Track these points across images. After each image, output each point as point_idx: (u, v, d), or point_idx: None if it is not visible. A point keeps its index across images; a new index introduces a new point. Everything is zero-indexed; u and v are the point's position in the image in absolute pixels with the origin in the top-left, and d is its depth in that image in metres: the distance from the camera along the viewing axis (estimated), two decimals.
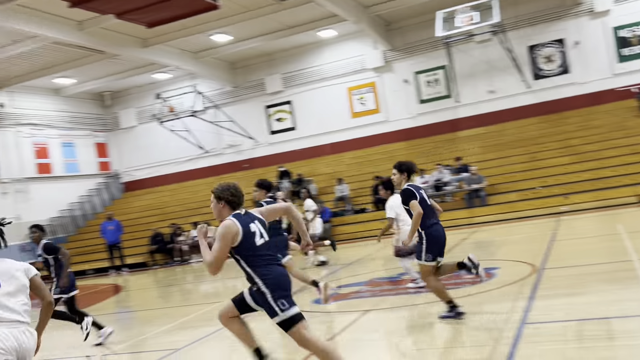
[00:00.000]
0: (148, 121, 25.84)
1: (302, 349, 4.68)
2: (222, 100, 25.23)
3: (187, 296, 12.73)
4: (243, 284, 4.97)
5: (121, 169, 27.44)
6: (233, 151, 25.54)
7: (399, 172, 6.84)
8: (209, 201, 18.42)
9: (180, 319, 9.33)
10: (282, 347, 6.61)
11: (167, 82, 25.72)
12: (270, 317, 4.63)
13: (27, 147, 23.31)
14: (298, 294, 8.98)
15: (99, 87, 25.41)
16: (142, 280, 17.05)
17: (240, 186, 5.15)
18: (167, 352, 7.20)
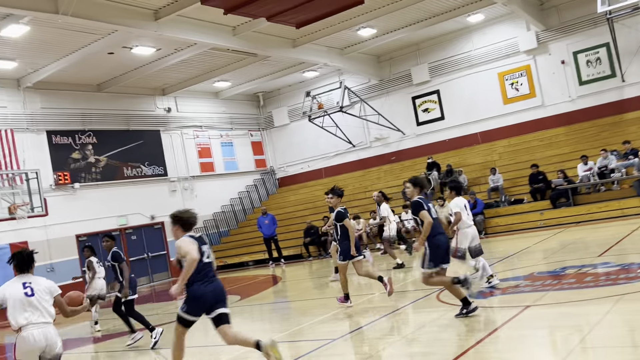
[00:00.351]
0: (299, 118, 26.71)
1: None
2: (369, 94, 25.37)
3: (336, 288, 12.94)
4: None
5: (276, 166, 28.67)
6: (380, 144, 25.61)
7: (413, 186, 7.76)
8: (358, 194, 18.90)
9: (335, 310, 9.52)
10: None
11: (315, 80, 26.39)
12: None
13: (191, 147, 25.16)
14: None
15: (253, 89, 26.71)
16: (297, 271, 17.67)
17: (194, 212, 6.18)
18: (323, 342, 7.37)
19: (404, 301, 9.35)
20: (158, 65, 20.21)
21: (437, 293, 9.29)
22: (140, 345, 9.51)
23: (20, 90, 19.47)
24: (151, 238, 22.78)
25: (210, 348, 8.92)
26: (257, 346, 5.82)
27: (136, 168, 22.70)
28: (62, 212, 19.46)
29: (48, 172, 19.59)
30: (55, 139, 20.30)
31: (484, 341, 6.25)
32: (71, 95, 20.92)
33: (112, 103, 22.22)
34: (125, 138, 22.47)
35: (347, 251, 9.27)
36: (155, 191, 23.21)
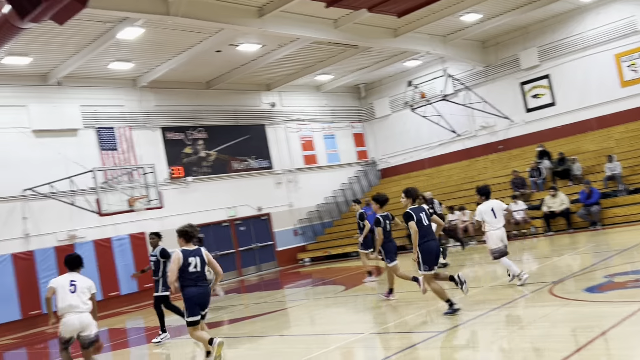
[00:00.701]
0: (401, 109, 26.46)
1: None
2: (473, 81, 24.67)
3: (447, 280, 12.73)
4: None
5: (377, 157, 28.61)
6: (486, 133, 24.84)
7: (406, 197, 8.65)
8: (464, 184, 18.51)
9: (441, 302, 9.38)
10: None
11: (417, 69, 26.02)
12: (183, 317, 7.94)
13: (295, 140, 25.66)
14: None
15: (354, 80, 26.77)
16: (400, 262, 17.56)
17: (194, 226, 7.89)
18: (431, 334, 7.29)
19: (514, 295, 9.05)
20: (263, 62, 20.75)
21: (549, 287, 8.92)
22: (249, 332, 9.84)
23: (136, 89, 20.69)
24: (258, 229, 23.51)
25: (319, 337, 9.09)
26: (210, 342, 7.28)
27: (244, 162, 23.49)
28: (176, 205, 20.52)
29: (163, 167, 20.71)
30: (168, 135, 21.41)
31: (601, 337, 5.92)
32: (182, 92, 21.97)
33: (221, 99, 23.09)
34: (234, 133, 23.30)
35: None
36: (262, 184, 23.91)
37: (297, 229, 24.69)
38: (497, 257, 9.88)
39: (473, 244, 18.73)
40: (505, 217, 9.99)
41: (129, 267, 19.29)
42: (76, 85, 19.04)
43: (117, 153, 19.74)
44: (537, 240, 17.18)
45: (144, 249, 19.73)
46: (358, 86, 28.27)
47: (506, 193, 20.07)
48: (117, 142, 19.79)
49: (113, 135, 19.72)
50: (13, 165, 17.42)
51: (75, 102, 18.89)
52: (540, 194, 19.48)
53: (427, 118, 24.54)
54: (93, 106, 19.45)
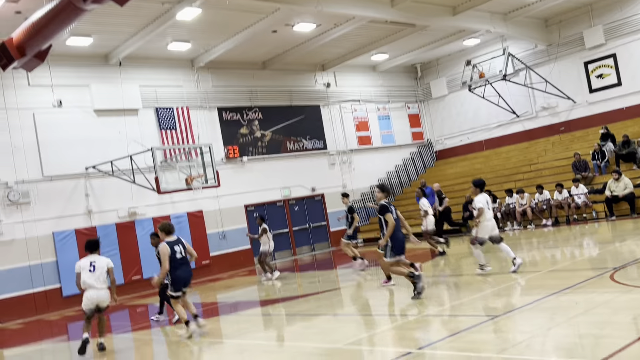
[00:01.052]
0: (458, 89, 25.94)
1: None
2: (535, 61, 23.88)
3: (503, 264, 12.51)
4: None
5: (433, 138, 28.20)
6: (548, 114, 24.07)
7: (381, 192, 9.98)
8: (522, 167, 18.13)
9: (497, 287, 9.22)
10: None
11: (476, 48, 25.39)
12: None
13: (349, 121, 25.54)
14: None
15: (411, 60, 26.36)
16: (455, 246, 17.35)
17: (171, 223, 9.47)
18: (485, 319, 7.18)
19: (573, 280, 8.79)
20: (318, 41, 20.67)
21: (611, 273, 8.63)
22: (303, 311, 9.94)
23: (194, 70, 21.01)
24: (312, 209, 23.64)
25: (371, 317, 9.10)
26: (194, 316, 9.15)
27: (298, 142, 23.58)
28: (232, 184, 20.84)
29: (219, 146, 21.03)
30: (225, 115, 21.69)
31: None
32: (238, 73, 22.17)
33: (276, 80, 23.19)
34: (288, 113, 23.40)
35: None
36: (316, 164, 23.97)
37: (340, 215, 24.63)
38: (478, 244, 10.46)
39: (532, 228, 18.29)
40: (495, 211, 10.45)
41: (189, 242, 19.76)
42: (136, 65, 19.49)
43: (176, 132, 20.15)
44: (598, 225, 16.63)
45: (202, 227, 20.18)
46: (414, 66, 27.84)
47: (567, 177, 19.46)
48: (176, 122, 20.20)
49: (172, 115, 20.14)
50: (76, 144, 18.03)
51: (135, 82, 19.34)
52: (602, 177, 18.81)
53: (485, 98, 23.97)
54: (152, 86, 19.87)
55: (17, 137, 17.15)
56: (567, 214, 18.04)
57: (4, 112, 17.03)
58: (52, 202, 17.52)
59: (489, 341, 6.12)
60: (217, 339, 9.38)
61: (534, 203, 18.75)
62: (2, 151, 16.85)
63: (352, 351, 6.85)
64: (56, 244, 17.29)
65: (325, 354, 6.95)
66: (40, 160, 17.45)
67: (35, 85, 17.59)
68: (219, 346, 8.78)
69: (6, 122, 17.02)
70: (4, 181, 16.80)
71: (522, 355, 5.52)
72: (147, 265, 18.73)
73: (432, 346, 6.42)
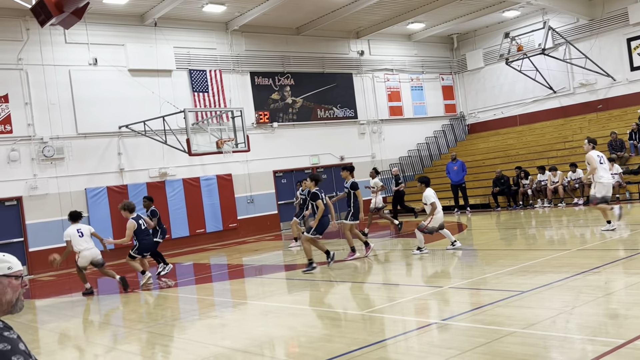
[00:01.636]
0: (494, 62, 25.45)
1: None
2: (575, 36, 23.24)
3: (531, 241, 12.42)
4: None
5: (466, 111, 27.80)
6: (585, 91, 23.50)
7: (311, 181, 11.27)
8: (557, 144, 17.74)
9: (524, 263, 9.15)
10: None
11: (515, 20, 24.78)
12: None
13: (381, 91, 25.30)
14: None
15: (448, 30, 25.87)
16: (484, 221, 17.24)
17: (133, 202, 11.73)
18: (510, 294, 7.15)
19: (603, 259, 8.68)
20: (354, 8, 20.39)
21: None
22: (326, 277, 10.03)
23: (227, 33, 20.95)
24: (340, 178, 23.58)
25: (395, 286, 9.14)
26: (142, 272, 11.48)
27: (329, 110, 23.48)
28: (261, 149, 20.92)
29: (250, 111, 21.07)
30: (257, 80, 21.66)
31: None
32: (272, 38, 22.04)
33: (309, 46, 23.01)
34: (320, 80, 23.26)
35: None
36: (346, 133, 23.88)
37: (367, 183, 24.58)
38: (427, 233, 11.49)
39: (562, 206, 18.05)
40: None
41: (215, 207, 20.02)
42: (171, 26, 19.51)
43: (208, 95, 20.23)
44: (630, 206, 16.32)
45: (231, 190, 20.38)
46: (451, 36, 27.33)
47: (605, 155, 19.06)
48: (208, 85, 20.25)
49: (205, 77, 20.18)
50: (110, 103, 18.24)
51: (169, 43, 19.39)
52: (639, 158, 18.39)
53: (522, 72, 23.49)
54: (186, 48, 19.91)
55: (53, 94, 17.41)
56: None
57: (40, 68, 17.27)
58: (86, 159, 17.84)
59: (514, 316, 6.10)
60: (241, 300, 9.54)
61: (566, 181, 18.46)
62: (38, 107, 17.15)
63: (374, 318, 6.90)
64: (88, 200, 17.67)
65: (347, 320, 7.02)
66: (75, 118, 17.72)
67: (72, 43, 17.76)
68: (243, 307, 8.93)
69: (43, 79, 17.28)
70: (40, 136, 17.13)
71: (547, 332, 5.49)
72: (175, 225, 19.06)
73: (456, 318, 6.43)
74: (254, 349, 6.19)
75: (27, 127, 16.99)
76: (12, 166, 16.73)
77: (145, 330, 8.00)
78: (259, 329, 7.26)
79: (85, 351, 7.19)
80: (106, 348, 7.27)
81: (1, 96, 16.65)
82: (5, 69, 16.74)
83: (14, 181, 16.70)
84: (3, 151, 16.62)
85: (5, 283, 2.69)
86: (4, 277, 2.69)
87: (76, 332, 8.41)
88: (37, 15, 10.28)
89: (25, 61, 17.06)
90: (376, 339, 6.02)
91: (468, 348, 5.19)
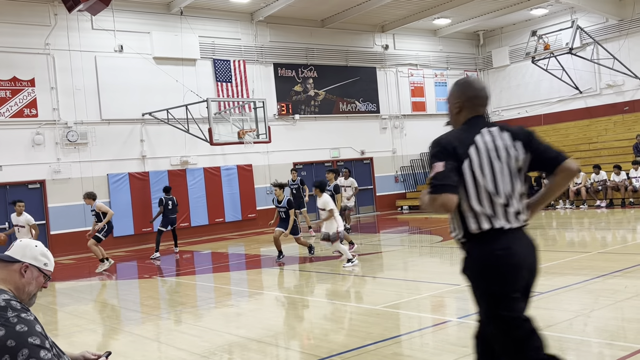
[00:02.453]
0: (520, 60, 25.16)
1: None
2: (604, 36, 22.86)
3: (551, 242, 12.29)
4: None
5: (490, 109, 27.49)
6: (612, 92, 23.13)
7: (280, 189, 12.15)
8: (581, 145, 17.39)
9: (543, 264, 9.05)
10: None
11: (543, 19, 24.45)
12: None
13: (405, 86, 25.15)
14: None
15: (474, 26, 25.61)
16: None
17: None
18: None
19: (624, 263, 8.56)
20: (380, 1, 20.27)
21: None
22: (333, 270, 10.03)
23: (252, 24, 20.97)
24: (360, 172, 23.59)
25: (411, 283, 9.12)
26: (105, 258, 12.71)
27: (351, 103, 23.41)
28: (282, 141, 20.95)
29: (272, 103, 21.09)
30: (280, 71, 21.67)
31: None
32: (297, 30, 22.02)
33: (333, 39, 22.94)
34: (343, 74, 23.19)
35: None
36: (367, 127, 23.81)
37: (399, 176, 24.57)
38: (330, 240, 10.69)
39: (584, 208, 17.83)
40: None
41: (235, 197, 20.12)
42: (196, 15, 19.59)
43: (231, 85, 20.29)
44: None
45: (251, 181, 20.47)
46: (477, 33, 27.05)
47: (627, 158, 18.79)
48: (232, 75, 20.31)
49: (228, 67, 20.24)
50: (134, 90, 18.39)
51: (194, 32, 19.46)
52: None
53: (548, 71, 23.19)
54: (211, 37, 19.98)
55: (78, 79, 17.60)
56: (623, 197, 17.48)
57: (67, 54, 17.46)
58: (108, 144, 18.02)
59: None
60: (258, 290, 9.59)
61: (589, 183, 18.23)
62: (63, 92, 17.35)
63: (390, 314, 6.89)
64: (110, 185, 17.86)
65: (363, 314, 7.02)
66: (99, 103, 17.90)
67: (99, 29, 17.91)
68: (259, 297, 8.98)
69: (69, 64, 17.47)
70: (64, 121, 17.34)
71: (564, 334, 5.44)
72: (195, 213, 19.19)
73: (473, 317, 6.39)
74: (268, 339, 6.22)
75: (52, 111, 17.20)
76: (37, 150, 16.97)
77: (161, 316, 8.08)
78: (274, 319, 7.30)
79: (101, 334, 7.29)
80: (122, 332, 7.36)
81: (28, 80, 16.87)
82: (32, 53, 16.95)
83: (38, 164, 16.95)
84: (28, 135, 16.86)
85: (35, 275, 2.77)
86: (36, 269, 2.77)
87: (93, 316, 8.53)
88: (65, 1, 10.41)
89: (52, 46, 17.26)
90: (391, 334, 6.01)
91: None
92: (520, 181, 3.09)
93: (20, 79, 16.75)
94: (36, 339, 2.47)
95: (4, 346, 2.40)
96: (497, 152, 3.02)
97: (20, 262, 2.72)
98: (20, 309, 2.53)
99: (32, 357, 2.42)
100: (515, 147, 3.06)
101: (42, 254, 2.79)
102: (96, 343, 6.79)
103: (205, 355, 5.83)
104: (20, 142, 16.77)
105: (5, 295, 2.57)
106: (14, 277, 2.69)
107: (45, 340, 2.51)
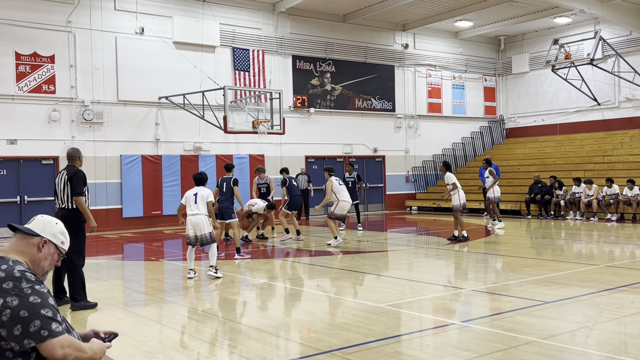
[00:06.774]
0: (540, 68, 24.99)
1: None
2: (626, 48, 22.66)
3: (559, 252, 12.23)
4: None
5: (506, 115, 27.40)
6: (631, 106, 22.93)
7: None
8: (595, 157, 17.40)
9: (549, 273, 9.03)
10: None
11: (566, 28, 24.26)
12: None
13: (422, 86, 25.06)
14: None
15: (495, 31, 25.46)
16: (513, 227, 17.03)
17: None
18: (532, 302, 7.07)
19: (631, 278, 8.50)
20: (403, 0, 20.19)
21: None
22: (348, 267, 10.01)
23: (274, 14, 20.96)
24: (371, 169, 23.58)
25: (416, 283, 9.11)
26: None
27: (367, 100, 23.37)
28: (295, 133, 20.97)
29: (289, 95, 21.09)
30: (298, 63, 21.66)
31: None
32: (318, 23, 21.98)
33: (354, 35, 22.89)
34: (361, 70, 23.14)
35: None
36: (381, 125, 23.77)
37: (410, 176, 24.52)
38: (331, 218, 12.95)
39: (594, 221, 17.72)
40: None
41: (245, 186, 20.15)
42: (219, 2, 19.61)
43: (249, 75, 20.31)
44: None
45: None
46: (498, 38, 26.90)
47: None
48: (250, 64, 20.33)
49: (247, 56, 20.26)
50: (152, 73, 18.45)
51: (216, 19, 19.49)
52: None
53: (567, 81, 23.02)
54: (232, 25, 20.00)
55: (97, 59, 17.69)
56: (635, 212, 17.35)
57: (88, 32, 17.55)
58: (123, 126, 18.11)
59: (534, 325, 6.03)
60: (264, 280, 9.62)
61: (601, 196, 18.10)
62: (82, 70, 17.45)
63: (393, 313, 6.89)
64: (122, 166, 17.97)
65: (366, 311, 7.03)
66: (117, 84, 17.98)
67: (121, 10, 17.99)
68: (265, 287, 9.01)
69: (89, 43, 17.56)
70: (81, 99, 17.45)
71: (566, 344, 5.42)
72: None
73: (475, 321, 6.38)
74: (270, 329, 6.25)
75: (69, 89, 17.31)
76: (52, 126, 17.09)
77: (165, 299, 8.14)
78: (277, 310, 7.33)
79: (106, 313, 7.35)
80: (126, 312, 7.42)
81: (48, 57, 16.97)
82: (54, 29, 17.04)
83: (53, 141, 17.07)
84: (44, 110, 16.98)
85: (52, 251, 2.81)
86: (53, 246, 2.81)
87: (98, 295, 8.60)
88: None
89: (74, 24, 17.35)
90: (393, 332, 6.02)
91: (485, 352, 5.16)
92: None
93: (40, 54, 16.86)
94: (49, 311, 2.50)
95: (16, 316, 2.44)
96: None
97: (39, 237, 2.76)
98: (34, 281, 2.57)
99: (43, 329, 2.45)
100: None
101: (61, 232, 2.84)
102: (101, 322, 6.86)
103: (208, 341, 5.87)
104: (37, 117, 16.89)
105: (21, 267, 2.60)
106: (32, 250, 2.73)
107: (57, 314, 2.55)
